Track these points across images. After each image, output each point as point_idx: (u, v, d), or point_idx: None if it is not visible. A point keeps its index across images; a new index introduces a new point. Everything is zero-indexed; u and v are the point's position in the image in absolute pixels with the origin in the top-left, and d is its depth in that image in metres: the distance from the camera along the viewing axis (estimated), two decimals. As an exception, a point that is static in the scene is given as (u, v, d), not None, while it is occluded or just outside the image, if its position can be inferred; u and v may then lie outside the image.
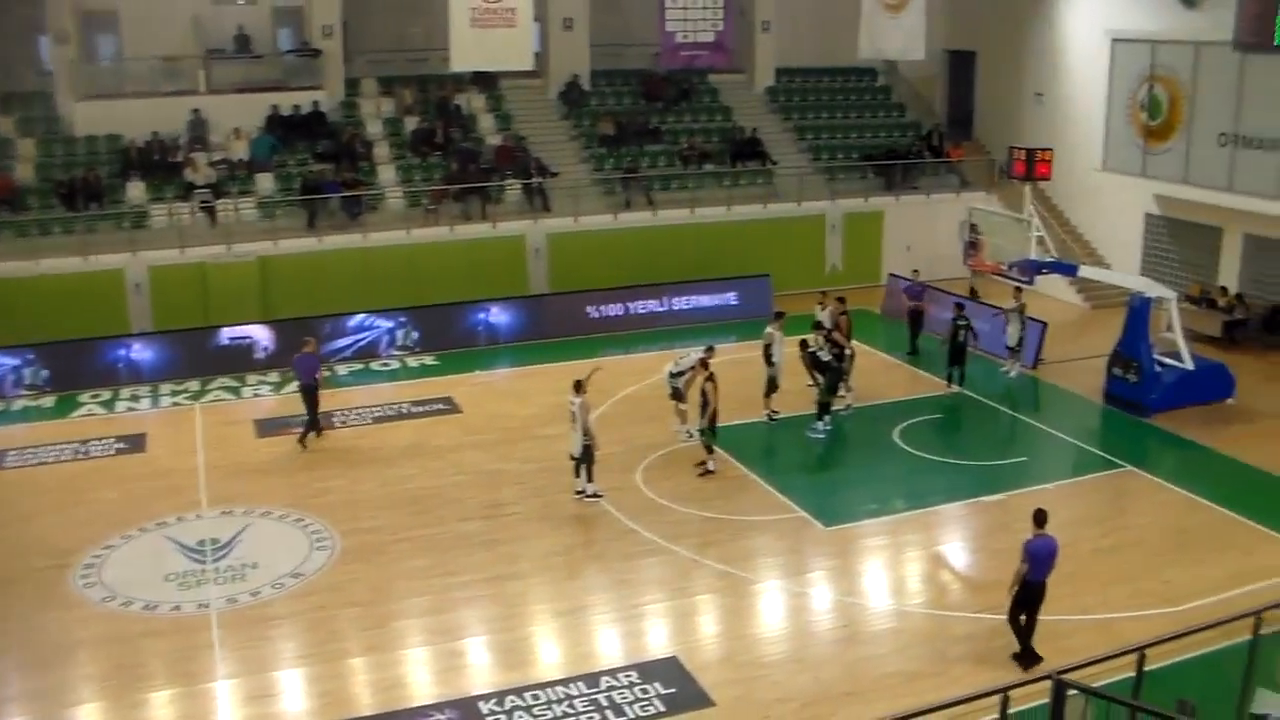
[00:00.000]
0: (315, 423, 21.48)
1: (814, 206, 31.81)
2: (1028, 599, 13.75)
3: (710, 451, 19.87)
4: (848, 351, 22.33)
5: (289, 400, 23.35)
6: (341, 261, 27.44)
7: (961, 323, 23.89)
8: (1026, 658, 13.92)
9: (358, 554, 16.92)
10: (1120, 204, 30.87)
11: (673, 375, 21.07)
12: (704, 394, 19.58)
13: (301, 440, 21.28)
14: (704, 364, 20.05)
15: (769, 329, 22.32)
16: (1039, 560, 13.55)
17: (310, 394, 21.40)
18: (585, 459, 18.62)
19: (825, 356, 21.66)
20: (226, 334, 25.61)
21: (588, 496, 18.70)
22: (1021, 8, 33.98)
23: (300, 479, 19.74)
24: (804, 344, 21.85)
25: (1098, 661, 10.22)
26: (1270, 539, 17.45)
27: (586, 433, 18.41)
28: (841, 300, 23.84)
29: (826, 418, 21.75)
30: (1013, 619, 13.93)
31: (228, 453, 21.08)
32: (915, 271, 28.05)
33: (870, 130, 35.50)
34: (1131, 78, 28.84)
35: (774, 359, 22.08)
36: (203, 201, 27.83)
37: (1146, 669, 9.39)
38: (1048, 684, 8.19)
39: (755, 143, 32.95)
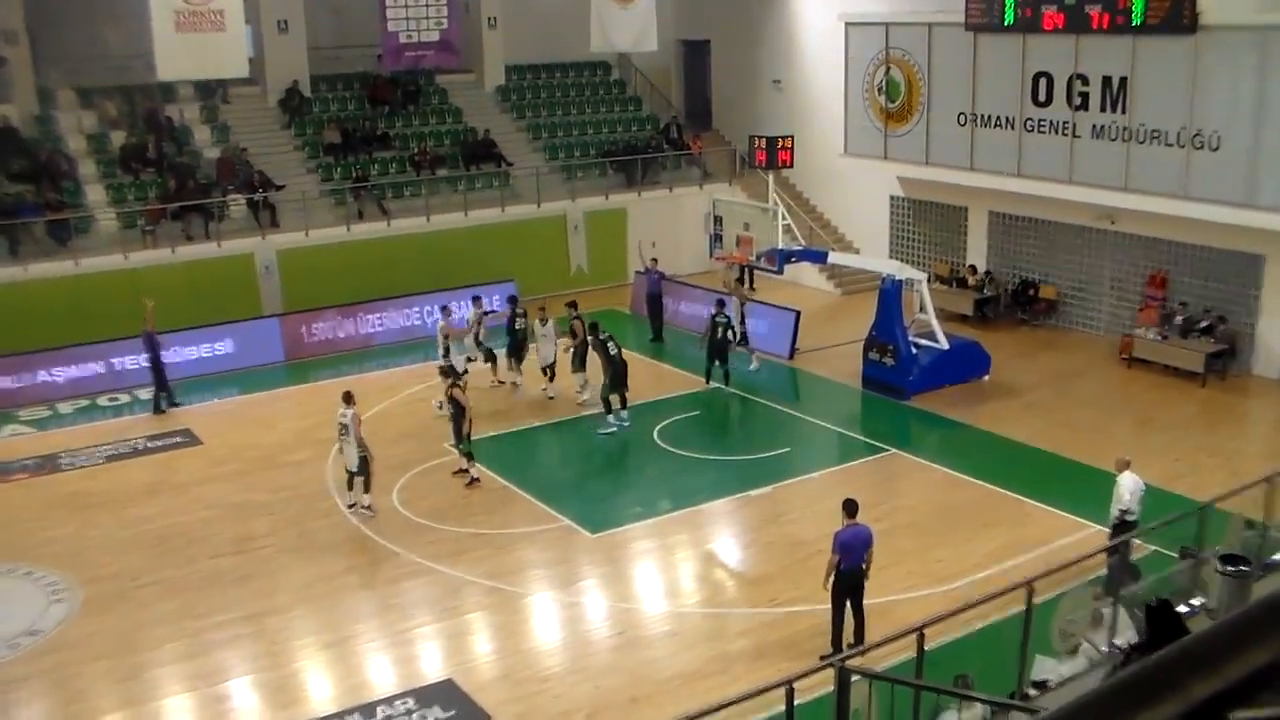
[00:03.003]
0: (166, 392, 23.47)
1: (554, 207, 31.55)
2: (846, 589, 13.72)
3: (471, 459, 19.47)
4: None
5: (0, 446, 21.92)
6: (52, 291, 25.50)
7: (721, 320, 23.79)
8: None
9: (101, 603, 15.75)
10: (865, 188, 31.61)
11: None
12: (456, 402, 19.16)
13: (156, 409, 23.28)
14: (447, 371, 19.94)
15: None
16: (850, 549, 13.61)
17: (156, 365, 23.12)
18: (363, 472, 18.15)
19: (613, 350, 21.70)
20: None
21: (363, 508, 18.20)
22: (752, -6, 34.52)
23: (26, 528, 18.24)
24: (594, 327, 22.17)
25: (879, 645, 10.31)
26: (1035, 510, 17.95)
27: (360, 444, 17.96)
28: (573, 305, 23.80)
29: (622, 413, 21.87)
30: (836, 611, 13.81)
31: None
32: (654, 260, 28.18)
33: (607, 125, 35.52)
34: (867, 61, 29.35)
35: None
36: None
37: (927, 648, 9.53)
38: (831, 672, 8.26)
39: (489, 144, 32.46)
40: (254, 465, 20.62)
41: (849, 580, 13.67)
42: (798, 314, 26.46)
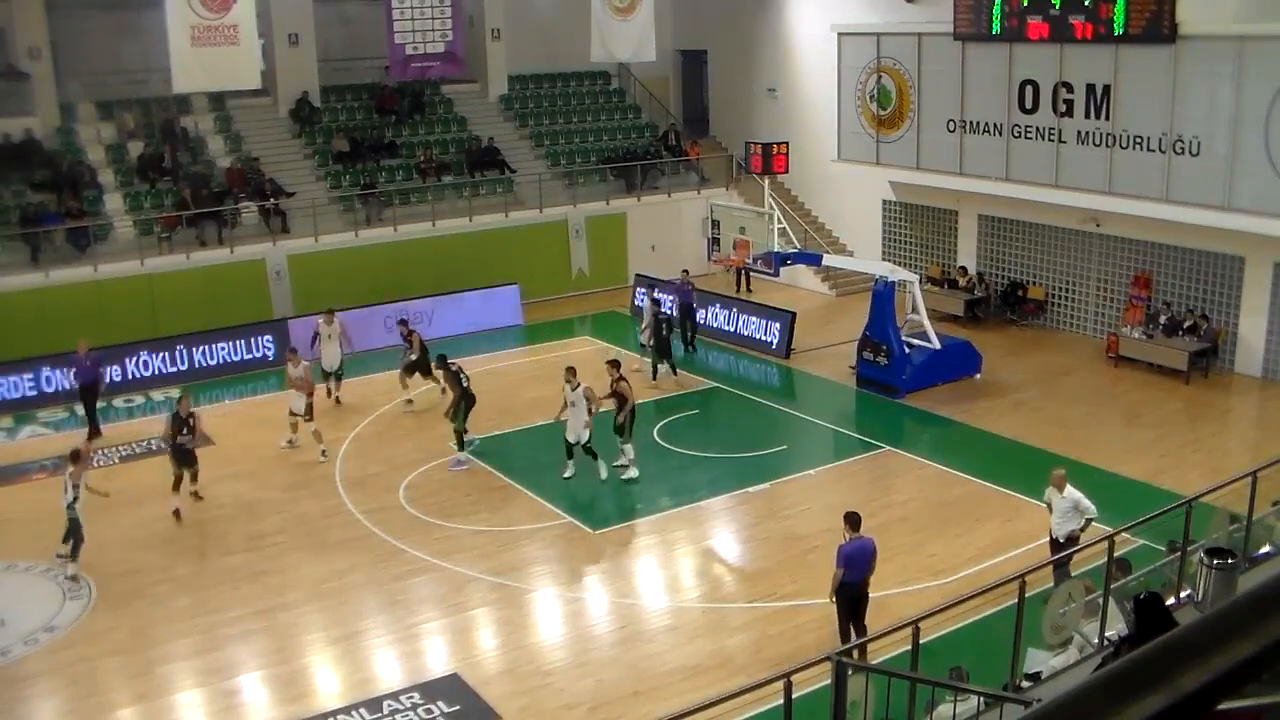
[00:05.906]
0: (93, 426, 22.56)
1: (556, 212, 31.98)
2: (850, 601, 13.69)
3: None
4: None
5: (21, 447, 22.36)
6: (72, 296, 26.09)
7: (663, 317, 24.54)
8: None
9: (116, 600, 16.10)
10: (858, 192, 31.93)
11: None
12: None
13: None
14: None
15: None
16: (855, 563, 13.54)
17: (87, 394, 22.57)
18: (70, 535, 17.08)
19: (465, 382, 20.93)
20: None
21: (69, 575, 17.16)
22: (748, 6, 34.89)
23: (44, 527, 18.27)
24: (442, 359, 21.49)
25: (875, 639, 10.52)
26: (1026, 505, 17.98)
27: (74, 502, 17.13)
28: (615, 364, 21.72)
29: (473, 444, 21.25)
30: (843, 628, 13.74)
31: (-44, 508, 19.68)
32: (685, 271, 28.31)
33: (607, 133, 35.89)
34: (859, 70, 29.69)
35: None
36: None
37: (922, 642, 9.50)
38: (828, 665, 8.24)
39: (493, 151, 32.95)
40: (264, 465, 20.96)
41: (853, 592, 13.68)
42: (793, 315, 26.80)
